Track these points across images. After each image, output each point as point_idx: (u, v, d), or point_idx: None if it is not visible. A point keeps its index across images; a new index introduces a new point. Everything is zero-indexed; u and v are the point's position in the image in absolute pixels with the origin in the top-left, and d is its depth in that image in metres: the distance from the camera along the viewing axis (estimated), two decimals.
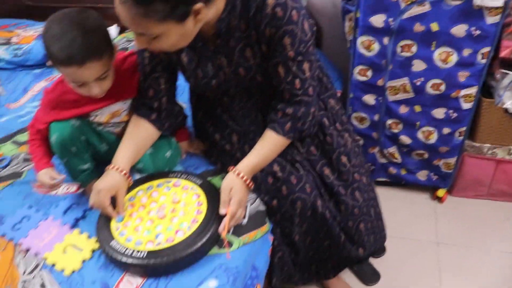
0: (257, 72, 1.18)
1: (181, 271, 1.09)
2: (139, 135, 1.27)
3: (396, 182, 2.00)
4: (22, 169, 1.48)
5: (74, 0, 2.31)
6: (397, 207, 1.96)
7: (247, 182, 1.17)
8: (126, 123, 1.32)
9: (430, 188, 2.02)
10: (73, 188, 1.37)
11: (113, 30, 2.19)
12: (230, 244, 1.15)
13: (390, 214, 1.85)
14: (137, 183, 1.28)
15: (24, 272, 1.16)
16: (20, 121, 1.72)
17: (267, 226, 1.26)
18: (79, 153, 1.26)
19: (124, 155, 1.22)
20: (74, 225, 1.26)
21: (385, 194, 1.93)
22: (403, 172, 1.94)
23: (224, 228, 1.11)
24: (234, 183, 1.15)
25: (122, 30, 2.22)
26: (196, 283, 1.06)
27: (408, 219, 1.92)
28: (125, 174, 1.20)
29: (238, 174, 1.16)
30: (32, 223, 1.28)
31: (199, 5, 0.97)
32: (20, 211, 1.32)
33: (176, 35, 1.01)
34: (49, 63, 1.15)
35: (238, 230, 1.19)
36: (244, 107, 1.30)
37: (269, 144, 1.21)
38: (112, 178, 1.17)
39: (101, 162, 1.32)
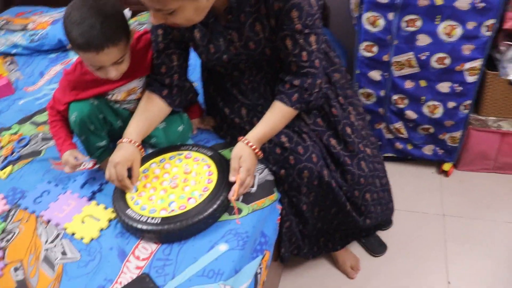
0: (266, 45, 1.22)
1: (193, 237, 1.15)
2: (151, 110, 1.32)
3: (403, 157, 2.04)
4: (41, 148, 1.55)
5: None
6: (404, 182, 2.00)
7: (256, 150, 1.22)
8: None
9: (436, 163, 2.05)
10: (89, 164, 1.43)
11: (125, 13, 2.23)
12: (239, 210, 1.20)
13: (397, 188, 1.89)
14: (150, 156, 1.34)
15: (46, 241, 1.23)
16: (37, 103, 1.79)
17: (275, 195, 1.31)
18: (97, 130, 1.32)
19: (136, 128, 1.28)
20: (91, 197, 1.33)
21: (392, 169, 1.97)
22: (409, 147, 1.97)
23: (233, 194, 1.16)
24: (243, 151, 1.20)
25: (134, 13, 2.27)
26: (208, 247, 1.12)
27: (414, 193, 1.95)
28: (138, 145, 1.25)
29: (248, 143, 1.21)
30: (52, 197, 1.35)
31: None
32: (40, 186, 1.39)
33: (191, 9, 1.05)
34: (69, 46, 1.21)
35: (247, 198, 1.24)
36: (253, 81, 1.35)
37: (277, 115, 1.25)
38: (126, 151, 1.23)
39: (116, 138, 1.38)
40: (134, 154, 1.24)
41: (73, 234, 1.22)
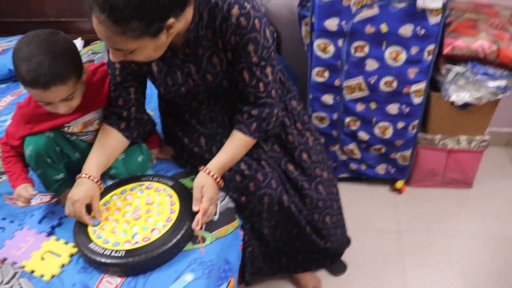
0: (224, 77, 1.26)
1: (159, 268, 1.14)
2: (109, 144, 1.32)
3: (358, 177, 2.11)
4: None
5: (37, 14, 2.35)
6: (360, 201, 2.07)
7: (217, 180, 1.24)
8: (98, 131, 1.37)
9: (389, 181, 2.14)
10: (46, 198, 1.40)
11: (77, 43, 2.22)
12: (203, 239, 1.21)
13: (353, 207, 1.97)
14: (111, 188, 1.33)
15: (1, 282, 1.18)
16: None
17: (237, 222, 1.33)
18: (53, 163, 1.29)
19: (94, 163, 1.27)
20: (51, 232, 1.29)
21: (347, 189, 2.05)
22: (363, 167, 2.05)
23: (197, 224, 1.17)
24: (205, 181, 1.22)
25: (87, 42, 2.25)
26: (174, 278, 1.12)
27: (370, 211, 2.03)
28: (97, 181, 1.24)
29: (209, 173, 1.23)
30: (8, 234, 1.30)
31: (171, 20, 1.04)
32: None
33: (150, 49, 1.08)
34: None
35: (210, 226, 1.26)
36: (211, 111, 1.37)
37: (236, 144, 1.28)
38: (85, 187, 1.22)
39: (73, 171, 1.36)
40: (93, 190, 1.23)
41: (32, 271, 1.18)
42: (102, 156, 1.29)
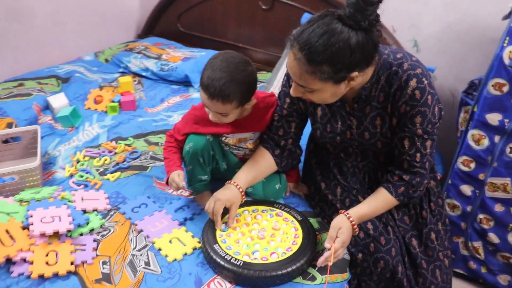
0: (379, 139, 1.33)
1: None
2: (261, 164, 1.45)
3: (474, 279, 1.99)
4: (149, 165, 1.73)
5: (219, 35, 2.65)
6: None
7: (354, 226, 1.29)
8: (249, 150, 1.51)
9: None
10: (186, 193, 1.57)
11: None
12: (331, 271, 1.26)
13: None
14: (245, 204, 1.45)
15: (134, 248, 1.36)
16: (154, 125, 2.00)
17: (347, 275, 1.36)
18: (204, 165, 1.46)
19: (244, 176, 1.41)
20: (182, 223, 1.45)
21: (459, 287, 1.94)
22: (483, 270, 1.93)
23: (324, 260, 1.22)
24: (343, 223, 1.27)
25: None
26: None
27: None
28: (242, 192, 1.38)
29: (349, 218, 1.29)
30: (149, 211, 1.49)
31: (355, 73, 1.15)
32: (140, 198, 1.55)
33: (329, 93, 1.19)
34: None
35: (323, 269, 1.30)
36: (355, 166, 1.45)
37: (379, 201, 1.33)
38: (230, 192, 1.36)
39: (217, 178, 1.52)
40: (236, 197, 1.36)
41: (159, 249, 1.34)
42: (252, 173, 1.43)
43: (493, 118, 1.65)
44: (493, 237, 1.83)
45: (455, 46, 2.06)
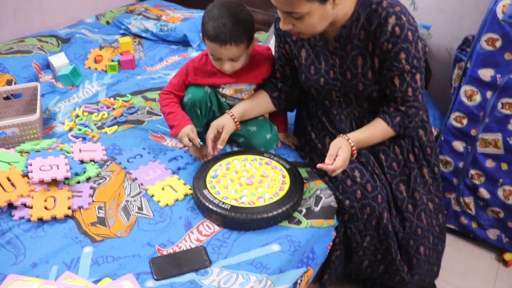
0: (360, 81, 1.36)
1: (253, 230, 1.28)
2: (258, 101, 1.53)
3: (464, 233, 2.03)
4: (145, 119, 1.78)
5: None
6: (460, 258, 1.99)
7: (353, 148, 1.32)
8: None
9: (498, 249, 2.02)
10: (181, 144, 1.61)
11: None
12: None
13: (451, 262, 1.90)
14: (235, 153, 1.50)
15: (128, 194, 1.41)
16: (151, 82, 2.04)
17: (333, 221, 1.41)
18: (200, 116, 1.51)
19: (241, 108, 1.50)
20: (175, 172, 1.50)
21: (450, 242, 1.98)
22: (474, 225, 1.97)
23: (323, 167, 1.26)
24: (343, 143, 1.31)
25: None
26: (262, 243, 1.25)
27: (467, 272, 1.94)
28: (234, 118, 1.45)
29: (348, 140, 1.32)
30: (143, 161, 1.54)
31: None
32: (135, 149, 1.60)
33: (317, 16, 1.21)
34: (201, 34, 1.44)
35: (309, 213, 1.35)
36: (340, 113, 1.48)
37: (376, 129, 1.37)
38: (223, 119, 1.46)
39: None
40: (228, 122, 1.44)
41: (152, 196, 1.40)
42: (249, 105, 1.51)
43: (486, 73, 1.66)
44: (484, 193, 1.86)
45: (452, 3, 2.05)
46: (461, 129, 1.81)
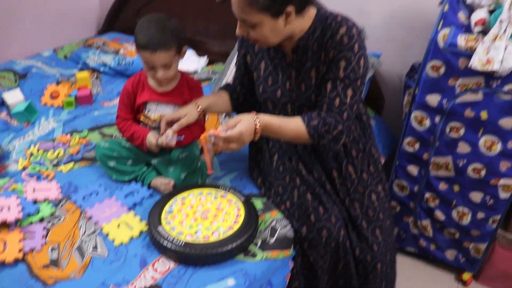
0: (313, 92, 1.40)
1: (208, 266, 1.27)
2: (222, 99, 1.61)
3: (424, 255, 2.07)
4: None
5: None
6: (420, 280, 2.02)
7: (257, 127, 1.30)
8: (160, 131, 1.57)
9: (456, 269, 2.07)
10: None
11: (202, 60, 2.51)
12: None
13: (411, 284, 1.93)
14: (190, 187, 1.50)
15: (83, 234, 1.39)
16: (109, 118, 2.03)
17: (290, 252, 1.42)
18: (120, 165, 1.61)
19: (207, 99, 1.56)
20: (131, 208, 1.49)
21: (410, 264, 2.03)
22: (432, 247, 2.01)
23: (211, 132, 1.28)
24: (246, 118, 1.29)
25: (210, 62, 2.53)
26: (217, 278, 1.24)
27: None
28: (198, 108, 1.51)
29: (254, 116, 1.31)
30: (99, 198, 1.53)
31: (290, 8, 1.24)
32: (91, 187, 1.58)
33: (268, 28, 1.27)
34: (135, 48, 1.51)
35: (264, 245, 1.36)
36: None
37: (291, 123, 1.35)
38: (186, 108, 1.51)
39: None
40: (191, 112, 1.50)
41: (107, 234, 1.38)
42: (214, 100, 1.58)
43: (433, 99, 1.73)
44: (439, 215, 1.91)
45: (401, 33, 2.14)
46: (413, 153, 1.87)
